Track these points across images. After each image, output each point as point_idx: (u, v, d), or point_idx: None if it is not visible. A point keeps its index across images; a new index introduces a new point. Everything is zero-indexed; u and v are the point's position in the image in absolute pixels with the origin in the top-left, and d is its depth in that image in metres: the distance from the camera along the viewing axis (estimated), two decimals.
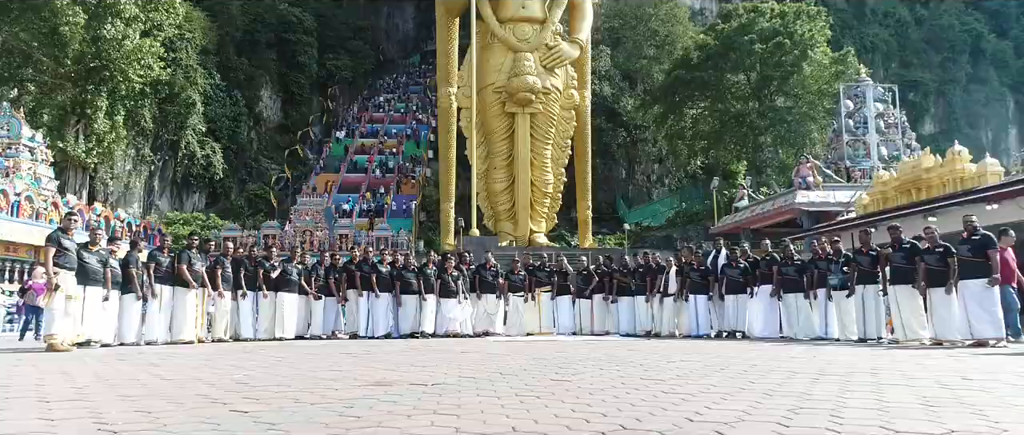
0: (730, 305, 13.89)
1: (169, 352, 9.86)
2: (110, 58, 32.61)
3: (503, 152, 40.30)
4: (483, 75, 40.42)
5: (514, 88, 39.00)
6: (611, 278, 15.68)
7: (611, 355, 8.50)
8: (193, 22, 46.96)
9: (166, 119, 44.66)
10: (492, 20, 40.40)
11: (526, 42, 40.16)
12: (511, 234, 39.54)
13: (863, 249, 11.90)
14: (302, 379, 5.74)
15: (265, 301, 13.55)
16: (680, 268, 14.79)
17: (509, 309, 15.52)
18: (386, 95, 65.51)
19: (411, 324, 14.44)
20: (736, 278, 13.85)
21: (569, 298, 15.81)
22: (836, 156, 26.71)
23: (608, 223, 49.45)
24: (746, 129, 38.54)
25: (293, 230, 37.09)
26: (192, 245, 12.82)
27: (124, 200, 44.39)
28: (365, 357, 8.41)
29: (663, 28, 52.75)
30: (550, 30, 40.54)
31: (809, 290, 12.87)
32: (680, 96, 40.56)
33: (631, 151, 51.68)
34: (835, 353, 8.89)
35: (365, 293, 14.32)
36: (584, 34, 41.96)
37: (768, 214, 24.26)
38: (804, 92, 37.75)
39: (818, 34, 38.07)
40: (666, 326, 14.69)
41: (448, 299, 14.67)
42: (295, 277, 13.84)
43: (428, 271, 14.77)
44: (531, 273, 15.84)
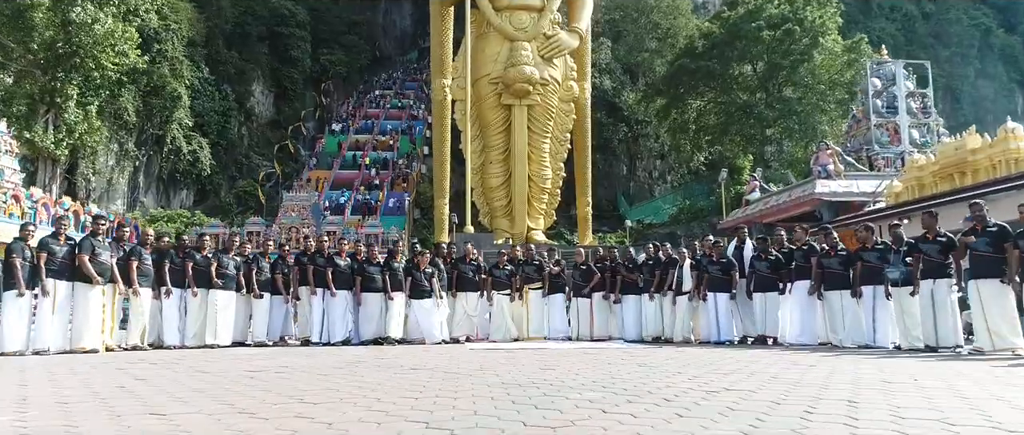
0: (758, 305, 11.27)
1: (53, 363, 7.27)
2: (81, 44, 30.02)
3: (499, 146, 37.62)
4: (478, 65, 37.80)
5: (511, 79, 36.33)
6: (614, 273, 13.03)
7: (616, 376, 5.88)
8: (179, 13, 44.47)
9: (151, 113, 42.15)
10: (488, 8, 37.77)
11: (523, 31, 37.49)
12: (507, 231, 36.90)
13: (929, 235, 9.27)
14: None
15: (195, 300, 10.95)
16: (696, 261, 12.16)
17: (493, 310, 12.91)
18: (382, 91, 62.96)
19: (375, 328, 11.85)
20: (766, 273, 11.21)
21: (561, 297, 13.17)
22: (856, 143, 24.05)
23: (609, 220, 46.88)
24: (753, 121, 35.88)
25: (279, 227, 34.45)
26: (98, 230, 10.22)
27: (107, 196, 41.91)
28: (273, 379, 5.81)
29: (665, 21, 50.11)
30: (548, 19, 37.88)
31: (856, 287, 10.24)
32: (684, 87, 37.90)
33: (632, 147, 49.06)
34: (924, 369, 6.26)
35: (320, 291, 11.72)
36: (584, 23, 39.31)
37: (784, 206, 21.63)
38: (814, 82, 35.09)
39: (829, 21, 35.45)
40: (680, 330, 12.08)
41: (420, 299, 12.06)
42: (232, 271, 11.23)
43: (395, 265, 12.15)
44: (519, 267, 13.22)
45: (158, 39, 42.37)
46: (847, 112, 35.68)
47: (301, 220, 34.44)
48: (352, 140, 52.88)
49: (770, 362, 7.28)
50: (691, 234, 37.73)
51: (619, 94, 47.96)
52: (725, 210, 27.79)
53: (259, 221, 35.36)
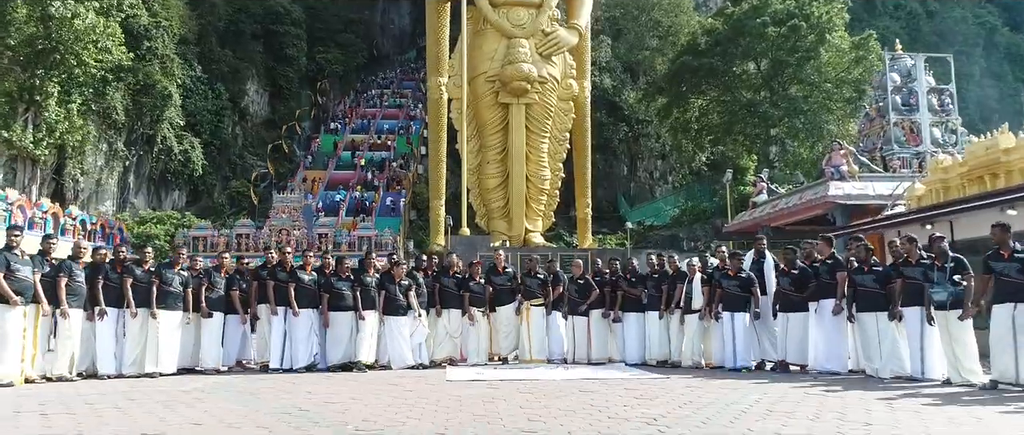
0: (781, 327, 9.73)
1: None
2: (61, 39, 28.52)
3: (496, 146, 36.01)
4: (475, 63, 36.21)
5: (508, 76, 34.72)
6: (614, 288, 11.47)
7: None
8: (170, 10, 42.97)
9: (141, 112, 40.61)
10: (485, 4, 36.13)
11: (521, 28, 35.87)
12: (505, 233, 35.33)
13: (1003, 251, 7.73)
14: None
15: (134, 322, 9.42)
16: (708, 275, 10.62)
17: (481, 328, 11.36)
18: (379, 90, 61.40)
19: (343, 351, 10.31)
20: (789, 290, 9.68)
21: (559, 314, 11.61)
22: (869, 143, 22.50)
23: (609, 222, 45.35)
24: (757, 120, 34.29)
25: (269, 229, 32.95)
26: (13, 245, 8.67)
27: (96, 197, 40.41)
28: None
29: (666, 18, 48.57)
30: (547, 15, 36.22)
31: (895, 308, 8.70)
32: (686, 85, 36.31)
33: (633, 147, 47.50)
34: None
35: (281, 310, 10.19)
36: (583, 20, 37.70)
37: (794, 209, 20.10)
38: (820, 80, 33.51)
39: (836, 17, 33.89)
40: (689, 353, 10.56)
41: (395, 317, 10.52)
42: (177, 288, 9.70)
43: (367, 279, 10.60)
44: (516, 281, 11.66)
45: (148, 36, 40.91)
46: (855, 111, 34.14)
47: (292, 222, 32.94)
48: (348, 140, 51.37)
49: (811, 406, 5.76)
50: (694, 236, 36.26)
51: (619, 93, 46.42)
52: (730, 212, 26.26)
53: (249, 223, 33.88)
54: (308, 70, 54.21)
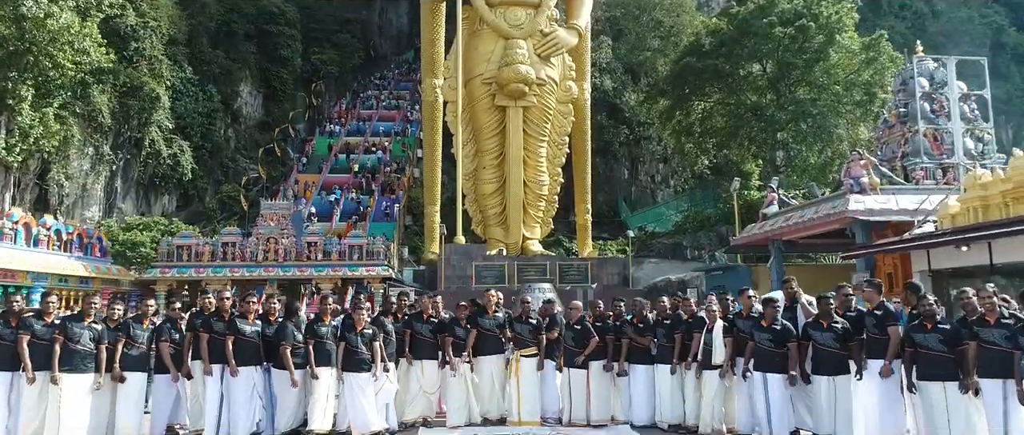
0: (824, 393, 7.84)
1: None
2: (35, 41, 26.63)
3: (493, 150, 34.16)
4: (471, 65, 34.32)
5: (505, 78, 32.85)
6: (619, 335, 9.56)
7: None
8: (159, 10, 41.13)
9: (128, 114, 38.78)
10: (481, 3, 34.25)
11: (518, 28, 33.96)
12: (502, 241, 33.49)
13: None
14: None
15: (31, 389, 7.56)
16: (730, 322, 8.74)
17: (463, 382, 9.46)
18: (375, 91, 59.52)
19: (290, 416, 8.44)
20: (832, 346, 7.80)
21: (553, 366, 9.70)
22: (888, 151, 20.60)
23: (609, 227, 43.52)
24: (763, 124, 32.34)
25: (256, 238, 31.14)
26: None
27: (82, 203, 38.62)
28: None
29: (668, 18, 46.62)
30: (545, 15, 34.34)
31: (970, 378, 6.82)
32: (689, 87, 34.38)
33: (634, 150, 45.58)
34: None
35: (217, 368, 8.33)
36: (583, 20, 35.79)
37: (808, 224, 18.22)
38: (829, 82, 31.59)
39: (846, 17, 31.96)
40: (708, 416, 8.67)
41: (355, 373, 8.65)
42: (87, 344, 7.83)
43: (321, 329, 8.72)
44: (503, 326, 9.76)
45: (135, 37, 39.18)
46: (866, 114, 32.24)
47: (280, 230, 31.11)
48: (343, 142, 49.53)
49: None
50: (698, 245, 34.37)
51: (620, 95, 44.51)
52: (738, 224, 24.38)
53: (235, 231, 32.10)
54: (303, 71, 52.33)
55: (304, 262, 30.90)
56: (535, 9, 35.13)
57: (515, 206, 34.39)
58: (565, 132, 36.12)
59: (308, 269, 30.77)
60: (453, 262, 30.88)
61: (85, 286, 27.35)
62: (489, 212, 35.19)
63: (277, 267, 30.63)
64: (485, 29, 35.08)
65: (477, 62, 34.90)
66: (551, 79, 34.91)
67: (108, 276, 28.56)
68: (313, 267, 30.78)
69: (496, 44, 34.67)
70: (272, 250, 30.95)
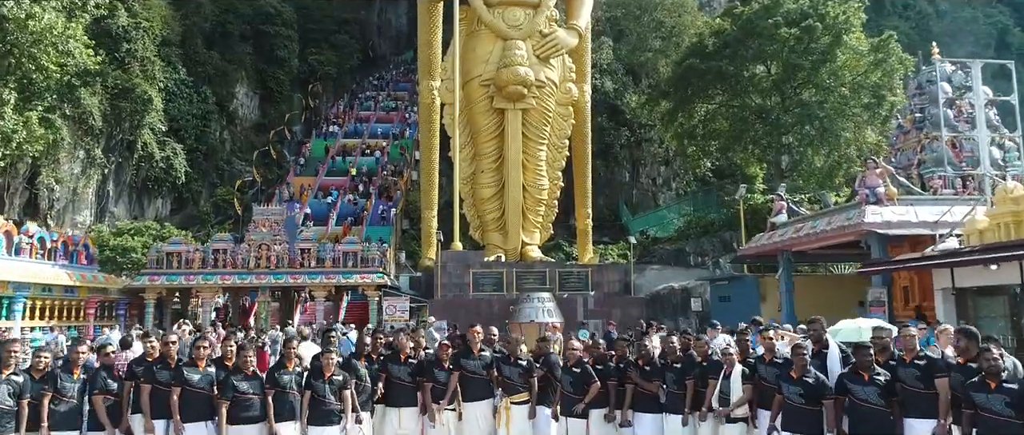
0: None
1: None
2: (16, 42, 25.43)
3: (491, 153, 33.09)
4: (468, 66, 33.20)
5: (503, 80, 31.74)
6: (623, 379, 8.36)
7: None
8: (151, 10, 39.98)
9: (120, 117, 37.66)
10: (478, 3, 33.09)
11: (517, 29, 32.84)
12: (500, 247, 32.37)
13: None
14: None
15: None
16: (750, 367, 7.55)
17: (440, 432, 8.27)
18: (374, 92, 58.32)
19: None
20: (876, 404, 6.60)
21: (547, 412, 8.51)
22: (904, 159, 19.37)
23: (610, 230, 42.34)
24: (768, 127, 31.09)
25: (248, 244, 29.97)
26: None
27: (73, 208, 37.57)
28: None
29: (669, 18, 45.39)
30: (545, 15, 33.24)
31: None
32: (692, 89, 33.14)
33: (635, 152, 44.38)
34: None
35: (161, 425, 7.14)
36: (583, 20, 34.62)
37: (821, 235, 17.03)
38: (836, 84, 30.35)
39: (853, 17, 30.73)
40: None
41: (323, 427, 7.46)
42: (5, 401, 6.63)
43: (283, 377, 7.53)
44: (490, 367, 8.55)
45: (127, 38, 38.08)
46: (874, 117, 31.02)
47: (272, 236, 29.95)
48: (340, 144, 48.35)
49: None
50: (701, 251, 33.20)
51: (621, 96, 43.30)
52: (743, 232, 23.17)
53: (226, 238, 31.01)
54: (300, 72, 51.17)
55: (297, 269, 29.76)
56: (534, 9, 33.96)
57: (514, 211, 33.27)
58: (565, 135, 34.98)
59: (301, 276, 29.63)
60: (450, 269, 29.72)
61: (70, 296, 26.29)
62: (487, 217, 34.06)
63: (269, 274, 29.49)
64: (483, 30, 33.92)
65: (475, 63, 33.75)
66: (551, 81, 33.74)
67: (95, 285, 27.44)
68: (306, 274, 29.62)
69: (494, 45, 33.50)
70: (264, 257, 29.82)
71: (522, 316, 25.04)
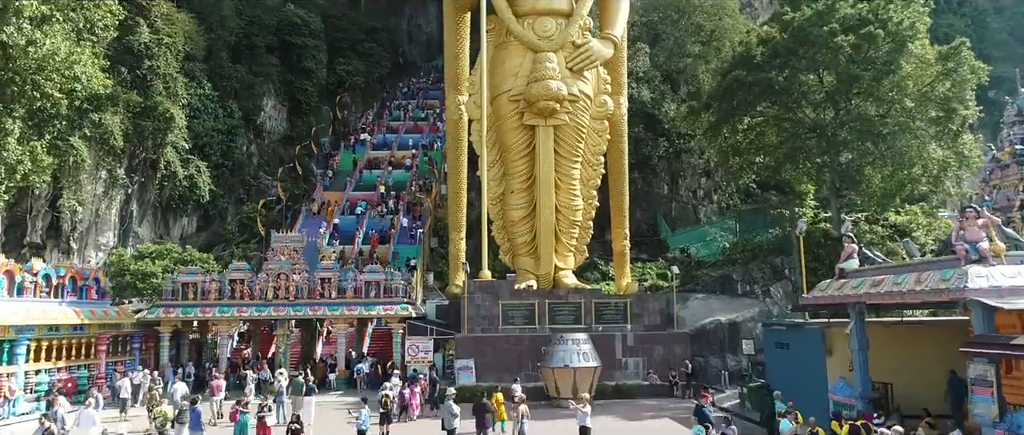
0: None
1: None
2: (19, 70, 23.45)
3: (522, 172, 30.55)
4: (497, 80, 30.66)
5: (534, 95, 29.13)
6: None
7: None
8: (174, 25, 38.03)
9: (142, 136, 35.98)
10: (507, 13, 30.50)
11: (548, 40, 30.16)
12: (532, 272, 29.77)
13: None
14: None
15: None
16: None
17: None
18: (403, 101, 55.96)
19: None
20: None
21: None
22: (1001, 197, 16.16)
23: (648, 246, 39.44)
24: (824, 144, 27.76)
25: (267, 274, 27.80)
26: None
27: (96, 229, 36.10)
28: None
29: (709, 22, 42.15)
30: (577, 25, 30.54)
31: None
32: (738, 102, 29.94)
33: (673, 164, 41.32)
34: None
35: None
36: (618, 29, 31.73)
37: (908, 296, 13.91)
38: (899, 96, 26.93)
39: (919, 22, 27.27)
40: None
41: None
42: None
43: None
44: None
45: (149, 55, 36.31)
46: (942, 133, 27.56)
47: (291, 265, 27.74)
48: (369, 157, 46.08)
49: None
50: (750, 278, 30.02)
51: (659, 105, 40.25)
52: (804, 275, 20.07)
53: (244, 267, 28.86)
54: (328, 82, 49.13)
55: (317, 300, 27.64)
56: (566, 19, 31.20)
57: (546, 234, 30.66)
58: (600, 151, 32.22)
59: (321, 308, 27.47)
60: (477, 301, 27.18)
61: (80, 333, 24.48)
62: (518, 240, 31.50)
63: (288, 306, 27.40)
64: (512, 41, 31.29)
65: (504, 77, 31.15)
66: (584, 94, 30.99)
67: (106, 321, 25.57)
68: (327, 305, 27.45)
69: (524, 58, 30.88)
70: (283, 287, 27.72)
71: (554, 360, 22.48)
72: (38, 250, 33.99)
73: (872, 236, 28.42)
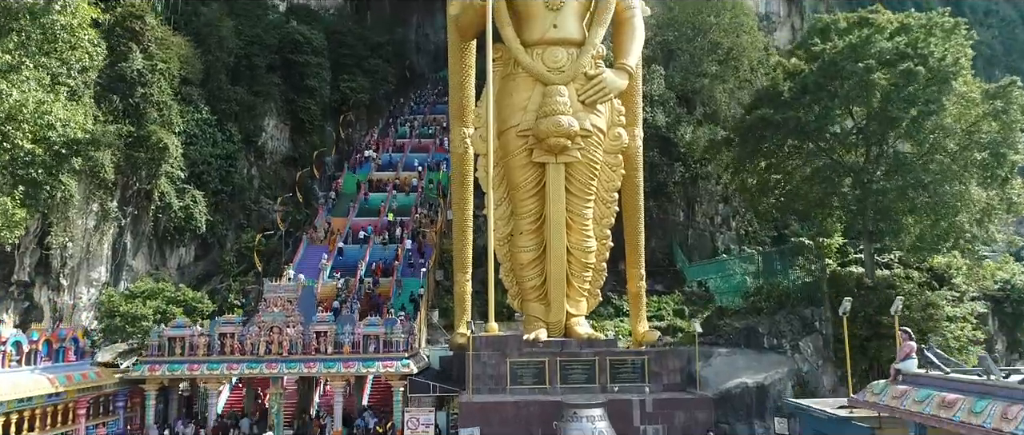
0: None
1: None
2: None
3: (531, 212, 27.93)
4: (505, 114, 27.99)
5: (544, 132, 26.47)
6: None
7: None
8: (168, 51, 35.59)
9: (135, 166, 33.63)
10: (515, 44, 27.76)
11: (559, 72, 27.41)
12: (542, 319, 27.28)
13: None
14: None
15: None
16: None
17: None
18: (410, 117, 53.39)
19: None
20: None
21: None
22: None
23: (664, 277, 36.87)
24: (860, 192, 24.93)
25: (259, 327, 25.43)
26: None
27: (87, 264, 33.88)
28: None
29: (726, 39, 39.26)
30: (590, 54, 27.69)
31: None
32: (765, 143, 27.13)
33: (690, 190, 38.63)
34: None
35: None
36: (633, 58, 28.89)
37: (987, 428, 11.24)
38: (942, 137, 24.10)
39: (963, 58, 24.35)
40: None
41: None
42: None
43: None
44: None
45: (143, 82, 33.93)
46: (990, 180, 24.71)
47: (285, 317, 25.33)
48: (374, 178, 43.61)
49: None
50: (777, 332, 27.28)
51: (674, 129, 37.43)
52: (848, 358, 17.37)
53: (234, 320, 26.54)
54: (331, 100, 46.55)
55: (312, 355, 25.31)
56: (578, 48, 28.42)
57: (557, 279, 28.07)
58: (614, 187, 29.54)
59: (316, 364, 25.14)
60: (484, 359, 24.63)
61: (56, 400, 22.09)
62: (527, 284, 28.95)
63: (281, 362, 25.11)
64: (520, 72, 28.52)
65: (512, 111, 28.44)
66: (597, 129, 28.25)
67: (85, 385, 23.19)
68: (322, 362, 25.14)
69: (533, 91, 28.13)
70: (275, 342, 25.36)
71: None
72: (26, 288, 31.98)
73: (909, 284, 25.70)
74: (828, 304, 20.06)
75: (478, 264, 31.06)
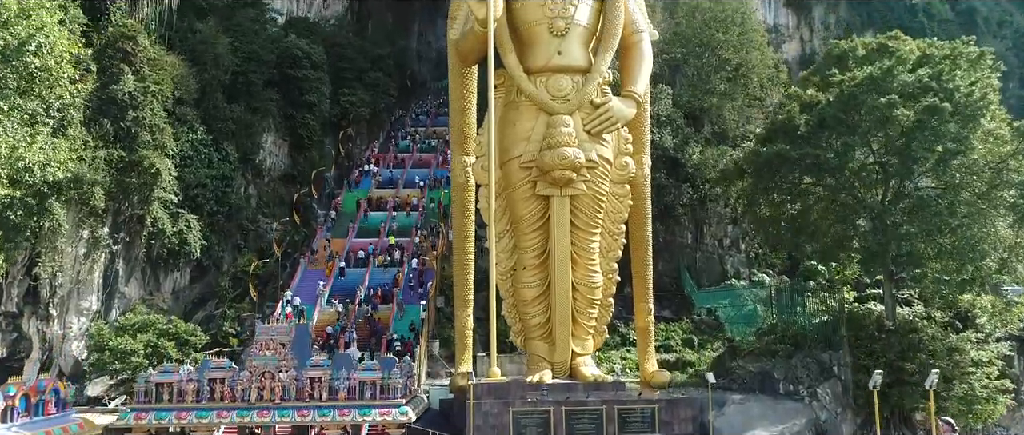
0: None
1: None
2: None
3: (535, 246, 26.25)
4: (507, 144, 26.26)
5: (548, 164, 24.80)
6: None
7: None
8: (163, 71, 34.12)
9: (127, 192, 32.19)
10: (517, 71, 26.01)
11: (564, 100, 25.66)
12: (545, 359, 25.75)
13: None
14: None
15: None
16: None
17: None
18: (412, 129, 51.80)
19: None
20: None
21: None
22: None
23: (671, 301, 35.35)
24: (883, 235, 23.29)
25: (250, 372, 23.94)
26: None
27: (77, 293, 32.48)
28: None
29: (735, 56, 37.55)
30: (596, 82, 25.94)
31: None
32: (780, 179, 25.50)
33: (698, 211, 36.97)
34: None
35: None
36: (641, 85, 27.18)
37: None
38: (968, 176, 22.47)
39: (989, 92, 22.66)
40: None
41: None
42: None
43: None
44: None
45: (134, 105, 32.44)
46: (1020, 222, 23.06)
47: (277, 362, 23.87)
48: (374, 195, 42.12)
49: None
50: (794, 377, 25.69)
51: (682, 149, 35.76)
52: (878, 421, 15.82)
53: (224, 364, 25.05)
54: (331, 115, 44.98)
55: (306, 402, 23.78)
56: (583, 75, 26.62)
57: (562, 316, 26.47)
58: (621, 219, 27.85)
59: (310, 412, 23.71)
60: (485, 409, 23.09)
61: None
62: (531, 322, 27.32)
63: (273, 410, 23.59)
64: (523, 100, 26.74)
65: (515, 141, 26.72)
66: (604, 159, 26.55)
67: None
68: (316, 409, 23.69)
69: (537, 120, 26.35)
70: (267, 388, 23.85)
71: None
72: (14, 319, 30.75)
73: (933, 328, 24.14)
74: (846, 347, 18.57)
75: (479, 289, 29.66)
